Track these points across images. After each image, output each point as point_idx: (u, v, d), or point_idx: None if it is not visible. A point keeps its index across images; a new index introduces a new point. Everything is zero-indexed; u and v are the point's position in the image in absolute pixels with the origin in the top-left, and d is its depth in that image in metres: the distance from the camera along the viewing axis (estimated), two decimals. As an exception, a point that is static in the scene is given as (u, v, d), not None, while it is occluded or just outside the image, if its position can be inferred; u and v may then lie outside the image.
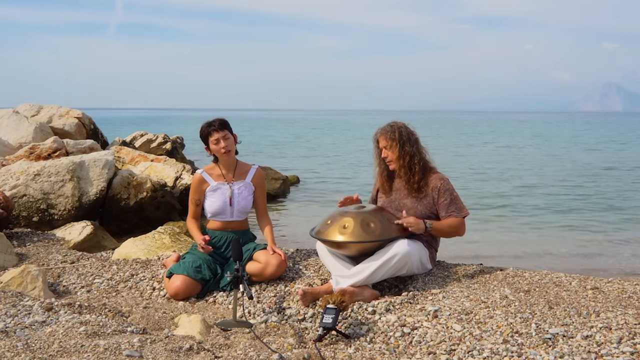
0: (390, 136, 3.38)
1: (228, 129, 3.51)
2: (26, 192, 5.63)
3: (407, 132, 3.40)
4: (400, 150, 3.35)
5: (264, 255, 3.37)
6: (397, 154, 3.36)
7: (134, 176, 6.40)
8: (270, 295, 3.20)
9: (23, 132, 8.00)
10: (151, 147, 11.55)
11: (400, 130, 3.39)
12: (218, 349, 2.45)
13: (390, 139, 3.37)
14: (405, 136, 3.38)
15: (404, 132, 3.39)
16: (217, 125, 3.46)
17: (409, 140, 3.38)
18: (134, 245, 4.39)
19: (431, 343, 2.53)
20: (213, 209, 3.53)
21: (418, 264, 3.28)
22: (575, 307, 2.79)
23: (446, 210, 3.32)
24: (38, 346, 2.23)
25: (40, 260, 4.14)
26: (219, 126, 3.47)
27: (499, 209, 9.03)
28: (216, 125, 3.46)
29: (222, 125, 3.48)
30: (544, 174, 13.81)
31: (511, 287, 3.14)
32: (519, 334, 2.50)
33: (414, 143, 3.39)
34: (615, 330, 2.47)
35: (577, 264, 5.70)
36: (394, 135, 3.37)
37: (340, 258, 3.28)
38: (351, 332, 2.70)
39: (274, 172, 10.49)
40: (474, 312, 2.73)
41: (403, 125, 3.44)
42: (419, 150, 3.40)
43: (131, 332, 2.53)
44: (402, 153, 3.35)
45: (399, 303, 2.94)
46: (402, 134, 3.37)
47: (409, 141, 3.37)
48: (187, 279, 3.26)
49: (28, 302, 2.81)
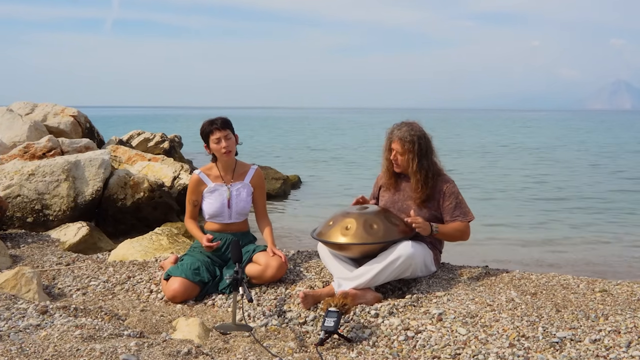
0: (408, 147, 3.21)
1: (230, 128, 3.46)
2: (20, 192, 5.59)
3: (426, 143, 3.24)
4: (418, 164, 3.20)
5: (263, 257, 3.34)
6: (413, 167, 3.21)
7: (131, 176, 6.36)
8: (270, 298, 3.17)
9: (17, 131, 7.94)
10: (148, 146, 11.50)
11: (419, 141, 3.20)
12: (217, 353, 2.44)
13: (408, 150, 3.21)
14: (424, 148, 3.22)
15: (423, 144, 3.22)
16: (219, 124, 3.41)
17: (426, 154, 3.23)
18: (131, 247, 4.37)
19: (435, 347, 2.52)
20: (211, 210, 3.49)
21: (422, 266, 3.25)
22: (583, 310, 2.77)
23: (451, 214, 3.28)
24: (32, 350, 2.20)
25: (35, 262, 4.11)
26: (222, 125, 3.41)
27: (508, 208, 8.99)
28: (218, 124, 3.40)
29: (225, 125, 3.43)
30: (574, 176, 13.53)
31: (517, 290, 3.12)
32: (526, 337, 2.49)
33: (430, 154, 3.26)
34: (624, 334, 2.46)
35: (585, 266, 5.67)
36: (412, 147, 3.20)
37: (343, 260, 3.25)
38: (353, 336, 2.69)
39: (274, 171, 10.44)
40: (480, 315, 2.72)
41: (422, 135, 3.25)
42: (432, 161, 3.28)
43: (128, 335, 2.50)
44: (419, 168, 3.21)
45: (403, 306, 2.92)
46: (421, 147, 3.20)
47: (426, 155, 3.22)
48: (186, 282, 3.23)
49: (22, 305, 2.79)
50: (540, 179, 12.92)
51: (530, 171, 14.47)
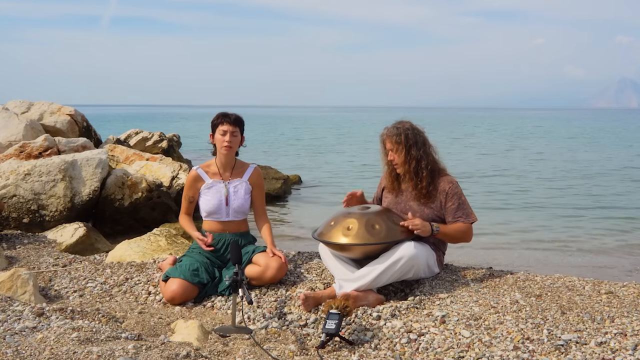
0: (396, 140, 3.28)
1: (240, 127, 3.50)
2: (16, 192, 5.56)
3: (414, 134, 3.30)
4: (407, 154, 3.26)
5: (263, 258, 3.32)
6: (402, 158, 3.27)
7: (129, 176, 6.34)
8: (270, 300, 3.15)
9: (13, 130, 7.88)
10: (146, 145, 11.47)
11: (406, 132, 3.28)
12: (216, 356, 2.42)
13: (396, 142, 3.28)
14: (412, 139, 3.27)
15: (410, 135, 3.28)
16: (231, 119, 3.46)
17: (415, 143, 3.27)
18: (129, 248, 4.34)
19: (438, 350, 2.50)
20: (208, 207, 3.47)
21: (425, 268, 3.22)
22: (588, 312, 2.76)
23: (453, 215, 3.26)
24: (28, 353, 2.18)
25: (31, 264, 4.08)
26: (234, 121, 3.46)
27: (512, 209, 8.95)
28: (231, 119, 3.46)
29: (236, 122, 3.47)
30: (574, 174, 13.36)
31: (522, 292, 3.10)
32: (530, 340, 2.47)
33: (422, 145, 3.29)
34: (630, 337, 2.44)
35: (590, 267, 5.62)
36: (400, 138, 3.27)
37: (344, 261, 3.23)
38: (355, 339, 2.67)
39: (274, 171, 10.39)
40: (483, 318, 2.70)
41: (410, 127, 3.33)
42: (426, 152, 3.30)
43: (125, 338, 2.49)
44: (408, 158, 3.26)
45: (405, 308, 2.91)
46: (408, 137, 3.27)
47: (415, 144, 3.27)
48: (184, 283, 3.20)
49: (18, 307, 2.78)
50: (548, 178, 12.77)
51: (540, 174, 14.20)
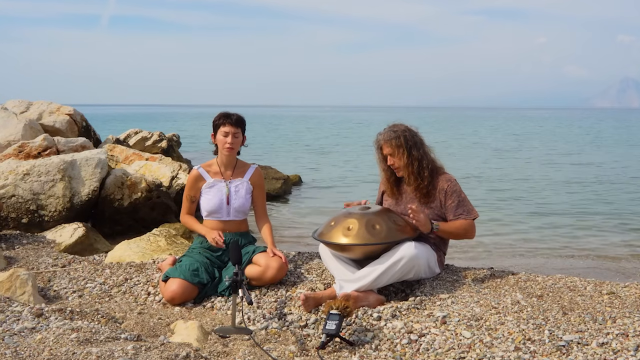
0: (395, 143, 3.26)
1: (242, 128, 3.50)
2: (15, 192, 5.55)
3: (412, 136, 3.29)
4: (408, 156, 3.24)
5: (263, 258, 3.31)
6: (404, 160, 3.25)
7: (128, 176, 6.33)
8: (270, 301, 3.14)
9: (12, 130, 7.86)
10: (146, 145, 11.46)
11: (404, 135, 3.27)
12: (216, 356, 2.42)
13: (396, 146, 3.26)
14: (411, 141, 3.27)
15: (409, 137, 3.27)
16: (233, 120, 3.46)
17: (415, 144, 3.27)
18: (128, 248, 4.33)
19: (439, 350, 2.49)
20: (209, 206, 3.48)
21: (426, 268, 3.21)
22: (590, 312, 2.75)
23: (454, 212, 3.25)
24: (27, 354, 2.17)
25: (30, 264, 4.07)
26: (235, 122, 3.46)
27: (511, 209, 8.95)
28: (232, 120, 3.46)
29: (238, 123, 3.48)
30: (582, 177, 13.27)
31: (523, 292, 3.10)
32: (532, 341, 2.46)
33: (420, 146, 3.30)
34: (632, 337, 2.43)
35: (592, 268, 5.62)
36: (399, 141, 3.25)
37: (344, 261, 3.22)
38: (355, 339, 2.66)
39: (274, 171, 10.39)
40: (485, 318, 2.69)
41: (406, 129, 3.32)
42: (425, 152, 3.31)
43: (125, 339, 2.48)
44: (410, 160, 3.24)
45: (406, 309, 2.90)
46: (407, 139, 3.26)
47: (415, 145, 3.27)
48: (184, 283, 3.19)
49: (17, 307, 2.77)
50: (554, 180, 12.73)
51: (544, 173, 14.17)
